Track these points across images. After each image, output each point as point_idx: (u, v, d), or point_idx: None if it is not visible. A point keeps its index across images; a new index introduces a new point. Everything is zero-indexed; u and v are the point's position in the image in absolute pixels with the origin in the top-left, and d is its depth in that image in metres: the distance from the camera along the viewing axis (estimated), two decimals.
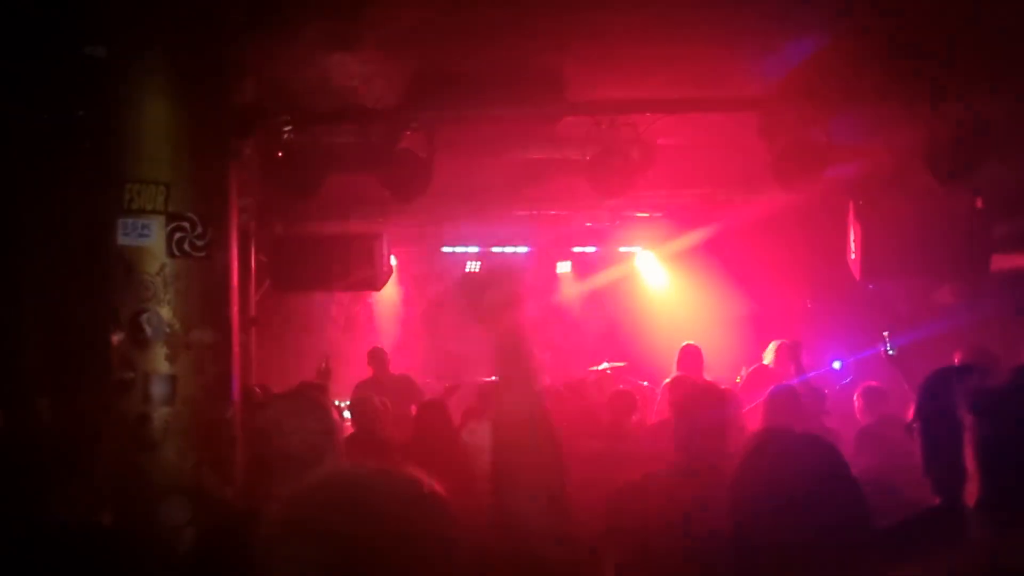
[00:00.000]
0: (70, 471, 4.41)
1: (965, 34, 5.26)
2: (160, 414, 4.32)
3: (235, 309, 4.73)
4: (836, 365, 8.91)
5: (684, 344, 7.77)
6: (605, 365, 10.29)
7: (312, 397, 3.46)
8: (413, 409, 7.48)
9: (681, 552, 3.26)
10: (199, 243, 4.41)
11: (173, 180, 4.36)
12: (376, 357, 9.44)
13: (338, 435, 3.11)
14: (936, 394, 2.61)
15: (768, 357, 7.35)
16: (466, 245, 11.35)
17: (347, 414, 6.38)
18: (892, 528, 2.52)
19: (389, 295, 11.36)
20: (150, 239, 4.31)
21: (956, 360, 6.92)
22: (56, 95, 4.86)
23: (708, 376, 7.51)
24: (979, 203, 7.48)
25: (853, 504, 2.02)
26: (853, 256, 7.94)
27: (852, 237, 7.97)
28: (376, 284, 8.92)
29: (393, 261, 9.55)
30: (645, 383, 8.51)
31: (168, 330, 4.33)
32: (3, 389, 5.41)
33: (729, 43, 5.51)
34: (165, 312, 4.33)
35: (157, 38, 4.46)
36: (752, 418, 6.69)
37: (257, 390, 6.64)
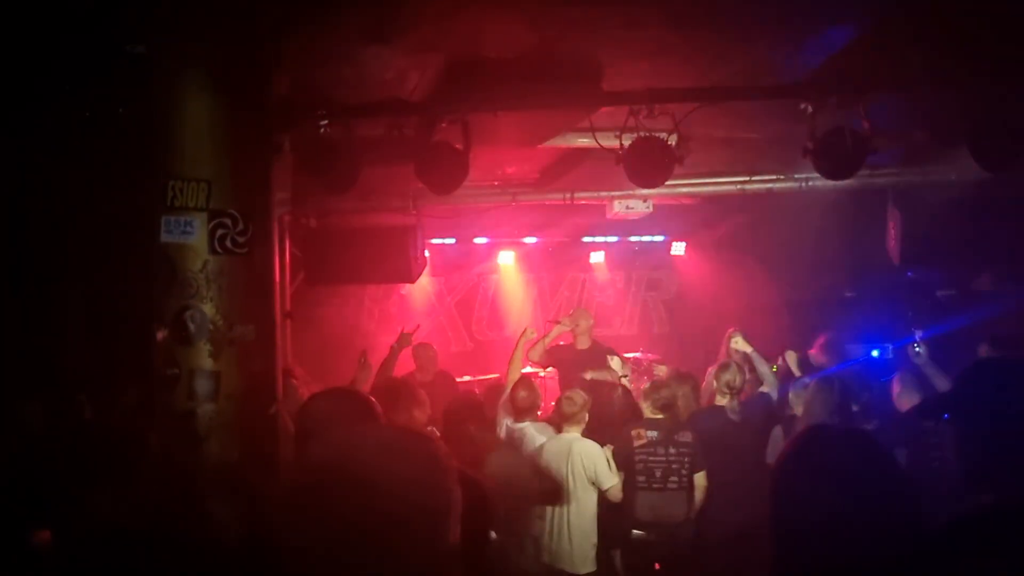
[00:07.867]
0: (112, 466, 4.44)
1: (1012, 17, 5.14)
2: (204, 410, 4.35)
3: (276, 304, 4.73)
4: (875, 353, 8.84)
5: (730, 330, 7.74)
6: (638, 354, 10.25)
7: (353, 393, 3.44)
8: None
9: None
10: (240, 239, 4.41)
11: (214, 177, 4.36)
12: (419, 354, 8.59)
13: None
14: (974, 385, 2.48)
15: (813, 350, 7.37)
16: (498, 236, 11.32)
17: None
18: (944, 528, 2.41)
19: (422, 287, 11.33)
20: (193, 236, 4.32)
21: (982, 352, 6.84)
22: (98, 93, 4.87)
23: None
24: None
25: (902, 503, 1.95)
26: (892, 242, 7.85)
27: (891, 223, 7.88)
28: (410, 276, 8.87)
29: (426, 253, 9.50)
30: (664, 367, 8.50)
31: (211, 327, 4.34)
32: (48, 385, 5.46)
33: (769, 29, 5.42)
34: (208, 309, 4.35)
35: (196, 35, 4.46)
36: None
37: (294, 381, 6.58)
